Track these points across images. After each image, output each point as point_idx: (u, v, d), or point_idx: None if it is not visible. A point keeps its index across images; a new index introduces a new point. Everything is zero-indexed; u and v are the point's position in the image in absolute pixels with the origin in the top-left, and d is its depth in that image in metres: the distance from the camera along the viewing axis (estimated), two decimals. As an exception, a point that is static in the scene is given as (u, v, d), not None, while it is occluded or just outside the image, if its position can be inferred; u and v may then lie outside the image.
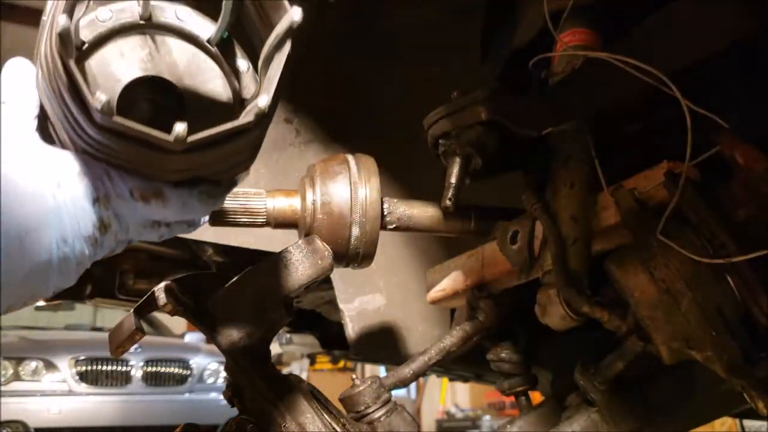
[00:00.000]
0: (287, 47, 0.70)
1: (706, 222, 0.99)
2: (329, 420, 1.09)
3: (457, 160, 1.16)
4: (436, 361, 1.29)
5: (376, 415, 1.17)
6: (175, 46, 0.74)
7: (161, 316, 5.62)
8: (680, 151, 1.00)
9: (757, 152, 1.00)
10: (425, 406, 8.02)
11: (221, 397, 1.24)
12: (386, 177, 1.32)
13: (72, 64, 0.61)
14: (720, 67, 1.13)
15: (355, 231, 1.18)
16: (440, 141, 1.19)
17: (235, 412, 1.16)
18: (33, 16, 1.19)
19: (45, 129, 0.70)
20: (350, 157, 1.22)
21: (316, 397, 1.14)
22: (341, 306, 1.64)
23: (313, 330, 2.37)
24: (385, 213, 1.24)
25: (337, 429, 1.09)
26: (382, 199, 1.23)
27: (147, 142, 0.63)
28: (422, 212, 1.28)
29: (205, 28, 0.76)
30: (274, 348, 1.22)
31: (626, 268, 1.03)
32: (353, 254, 1.20)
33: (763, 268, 0.97)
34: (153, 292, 1.07)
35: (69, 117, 0.65)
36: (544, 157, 1.19)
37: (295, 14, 0.68)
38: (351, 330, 1.63)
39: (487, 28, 1.39)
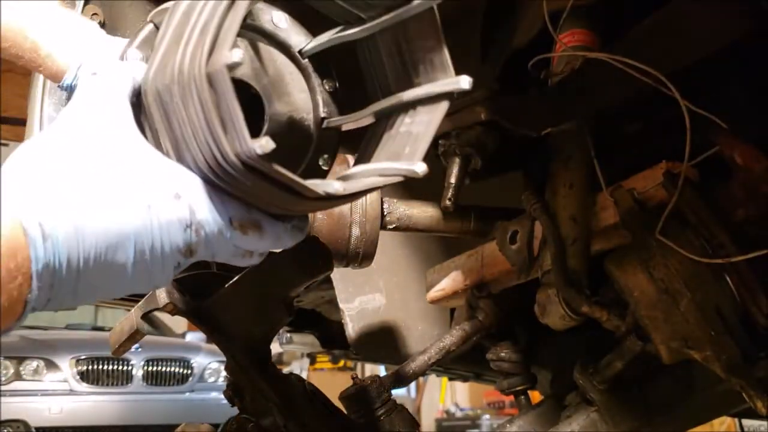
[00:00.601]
0: (443, 108, 0.64)
1: (705, 222, 0.99)
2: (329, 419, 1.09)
3: (457, 160, 1.17)
4: (436, 360, 1.29)
5: (377, 413, 1.18)
6: (266, 52, 0.69)
7: (162, 316, 5.62)
8: (679, 151, 1.01)
9: (756, 152, 1.00)
10: (425, 405, 8.02)
11: (222, 396, 1.24)
12: (386, 177, 1.32)
13: (234, 99, 0.54)
14: (719, 67, 1.13)
15: (355, 231, 1.18)
16: (440, 141, 1.20)
17: (235, 411, 1.17)
18: (34, 17, 1.19)
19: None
20: (350, 158, 1.22)
21: (316, 396, 1.15)
22: (341, 306, 1.64)
23: (313, 329, 2.37)
24: (385, 213, 1.24)
25: (337, 428, 1.09)
26: (381, 199, 1.23)
27: (289, 188, 0.57)
28: (422, 212, 1.29)
29: (300, 38, 0.72)
30: (275, 347, 1.22)
31: (625, 268, 1.03)
32: (353, 254, 1.20)
33: (762, 268, 0.98)
34: (154, 292, 1.07)
35: (202, 139, 0.57)
36: (543, 157, 1.20)
37: (463, 82, 0.62)
38: (351, 329, 1.64)
39: (487, 28, 1.39)
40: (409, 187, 1.57)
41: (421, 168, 0.60)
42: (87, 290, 0.55)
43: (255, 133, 0.63)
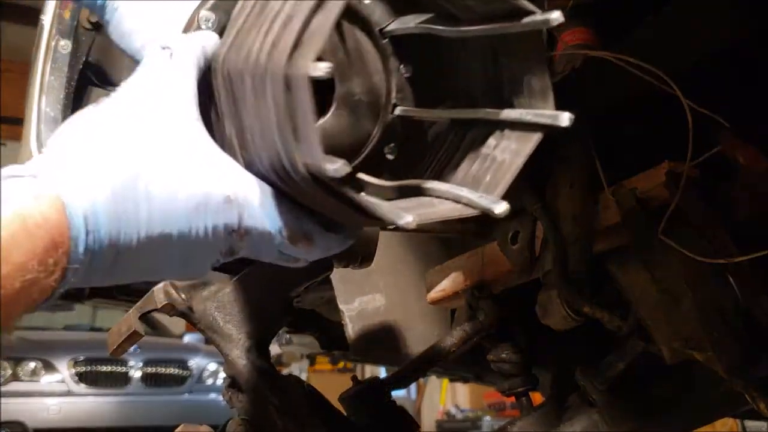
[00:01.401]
0: (535, 141, 0.58)
1: (707, 222, 0.99)
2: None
3: (458, 159, 1.16)
4: (437, 361, 1.29)
5: (377, 415, 1.17)
6: (345, 25, 0.62)
7: (160, 317, 5.61)
8: (681, 150, 1.00)
9: (758, 152, 1.00)
10: (425, 406, 8.01)
11: (220, 397, 1.24)
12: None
13: (310, 110, 0.49)
14: (721, 66, 1.12)
15: (355, 231, 1.17)
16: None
17: (234, 412, 1.16)
18: (33, 16, 1.19)
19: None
20: None
21: (315, 397, 1.14)
22: (341, 306, 1.64)
23: (313, 330, 2.37)
24: (385, 213, 1.24)
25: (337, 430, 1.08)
26: (381, 199, 1.23)
27: (357, 207, 0.53)
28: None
29: (383, 16, 0.64)
30: (274, 349, 1.22)
31: (627, 268, 1.03)
32: (353, 254, 1.20)
33: (764, 268, 0.97)
34: (152, 293, 1.07)
35: (270, 139, 0.54)
36: (544, 157, 1.19)
37: (563, 120, 0.58)
38: (351, 330, 1.63)
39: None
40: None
41: (501, 208, 0.55)
42: (121, 272, 0.54)
43: (320, 108, 0.59)
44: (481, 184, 0.59)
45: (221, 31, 0.61)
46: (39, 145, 1.22)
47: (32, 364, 5.43)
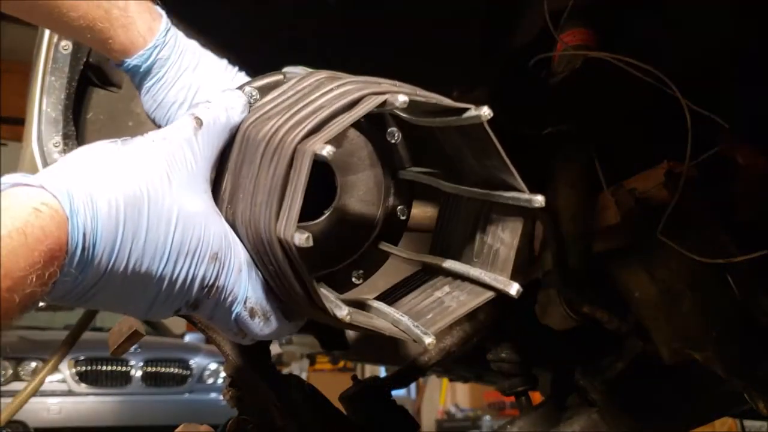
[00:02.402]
0: (484, 298, 0.63)
1: (707, 222, 0.99)
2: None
3: (457, 160, 1.16)
4: (437, 361, 1.29)
5: (377, 414, 1.17)
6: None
7: (161, 317, 5.59)
8: (681, 151, 1.00)
9: (757, 152, 1.00)
10: (425, 406, 8.01)
11: (221, 397, 1.24)
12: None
13: (302, 184, 0.53)
14: (720, 66, 1.13)
15: (355, 231, 1.18)
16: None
17: (234, 412, 1.16)
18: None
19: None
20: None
21: (315, 397, 1.14)
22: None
23: (313, 330, 2.37)
24: (385, 213, 1.24)
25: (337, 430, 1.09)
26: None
27: (306, 288, 0.57)
28: (422, 212, 1.28)
29: (404, 156, 0.69)
30: (274, 348, 1.22)
31: (627, 268, 1.03)
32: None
33: (764, 268, 0.97)
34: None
35: (257, 201, 0.58)
36: (543, 158, 1.19)
37: (512, 289, 0.62)
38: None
39: (487, 28, 1.39)
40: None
41: (429, 339, 0.59)
42: (94, 298, 0.54)
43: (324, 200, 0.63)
44: (421, 318, 0.63)
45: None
46: (40, 145, 1.22)
47: (33, 364, 5.43)
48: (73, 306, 0.58)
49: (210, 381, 6.04)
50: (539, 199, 0.58)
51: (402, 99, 0.55)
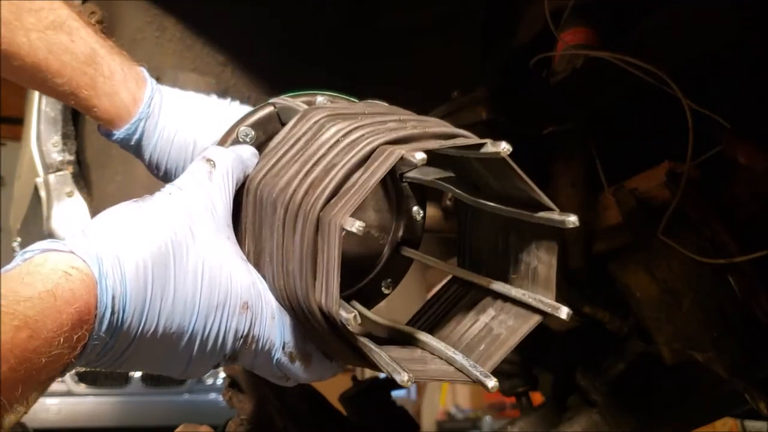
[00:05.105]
0: (533, 323, 0.60)
1: (708, 222, 0.98)
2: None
3: (458, 159, 1.16)
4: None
5: (377, 415, 1.17)
6: None
7: (161, 317, 5.59)
8: (681, 150, 1.00)
9: (758, 152, 0.99)
10: (426, 407, 8.01)
11: (220, 397, 1.24)
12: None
13: (337, 258, 0.51)
14: (721, 66, 1.12)
15: (355, 231, 1.17)
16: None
17: (234, 412, 1.16)
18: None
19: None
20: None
21: (315, 397, 1.14)
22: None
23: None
24: (385, 213, 1.24)
25: (336, 430, 1.08)
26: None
27: (358, 352, 0.56)
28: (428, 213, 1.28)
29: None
30: (274, 348, 1.21)
31: (628, 268, 1.02)
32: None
33: (764, 268, 0.97)
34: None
35: (290, 270, 0.56)
36: (544, 157, 1.19)
37: (562, 313, 0.59)
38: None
39: (488, 28, 1.38)
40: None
41: (492, 383, 0.56)
42: (129, 361, 0.54)
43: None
44: (474, 351, 0.61)
45: (258, 147, 0.64)
46: (39, 145, 1.22)
47: (32, 364, 5.44)
48: (107, 370, 0.57)
49: (209, 381, 6.03)
50: (572, 220, 0.56)
51: (420, 156, 0.52)
